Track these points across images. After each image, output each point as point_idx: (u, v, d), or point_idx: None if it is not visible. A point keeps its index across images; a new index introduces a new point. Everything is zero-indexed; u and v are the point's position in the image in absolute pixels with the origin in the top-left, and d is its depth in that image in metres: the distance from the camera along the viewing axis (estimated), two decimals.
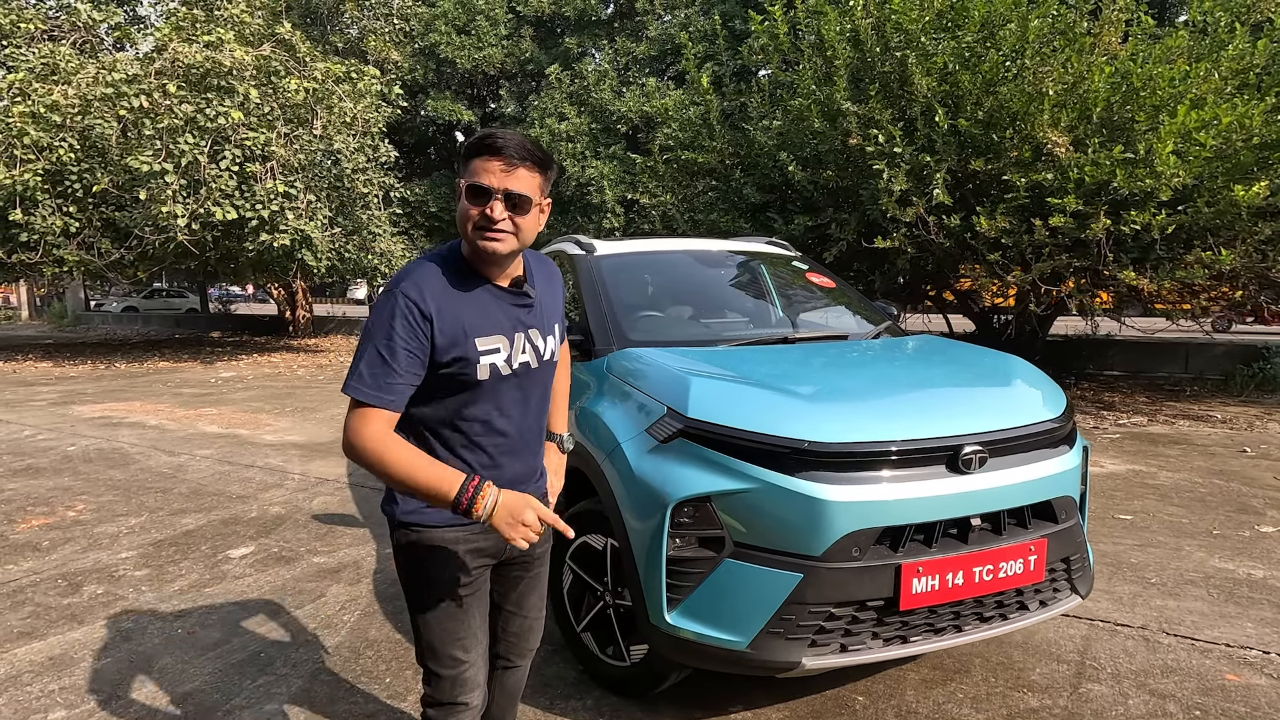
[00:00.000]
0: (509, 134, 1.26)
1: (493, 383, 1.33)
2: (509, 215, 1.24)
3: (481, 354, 1.30)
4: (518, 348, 1.36)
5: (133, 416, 7.04)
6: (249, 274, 13.47)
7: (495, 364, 1.32)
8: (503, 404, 1.37)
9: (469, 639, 1.41)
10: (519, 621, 1.57)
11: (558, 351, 1.49)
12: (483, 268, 1.33)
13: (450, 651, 1.40)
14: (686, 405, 1.90)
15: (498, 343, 1.33)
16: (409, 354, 1.24)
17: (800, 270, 3.33)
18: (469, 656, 1.41)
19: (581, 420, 2.42)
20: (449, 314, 1.28)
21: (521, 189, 1.24)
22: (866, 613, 1.79)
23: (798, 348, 2.51)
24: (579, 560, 2.32)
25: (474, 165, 1.25)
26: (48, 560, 3.41)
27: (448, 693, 1.41)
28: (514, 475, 1.41)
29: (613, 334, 2.60)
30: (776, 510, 1.75)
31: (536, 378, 1.41)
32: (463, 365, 1.29)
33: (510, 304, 1.36)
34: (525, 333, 1.38)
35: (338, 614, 2.83)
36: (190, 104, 9.47)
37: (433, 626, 1.40)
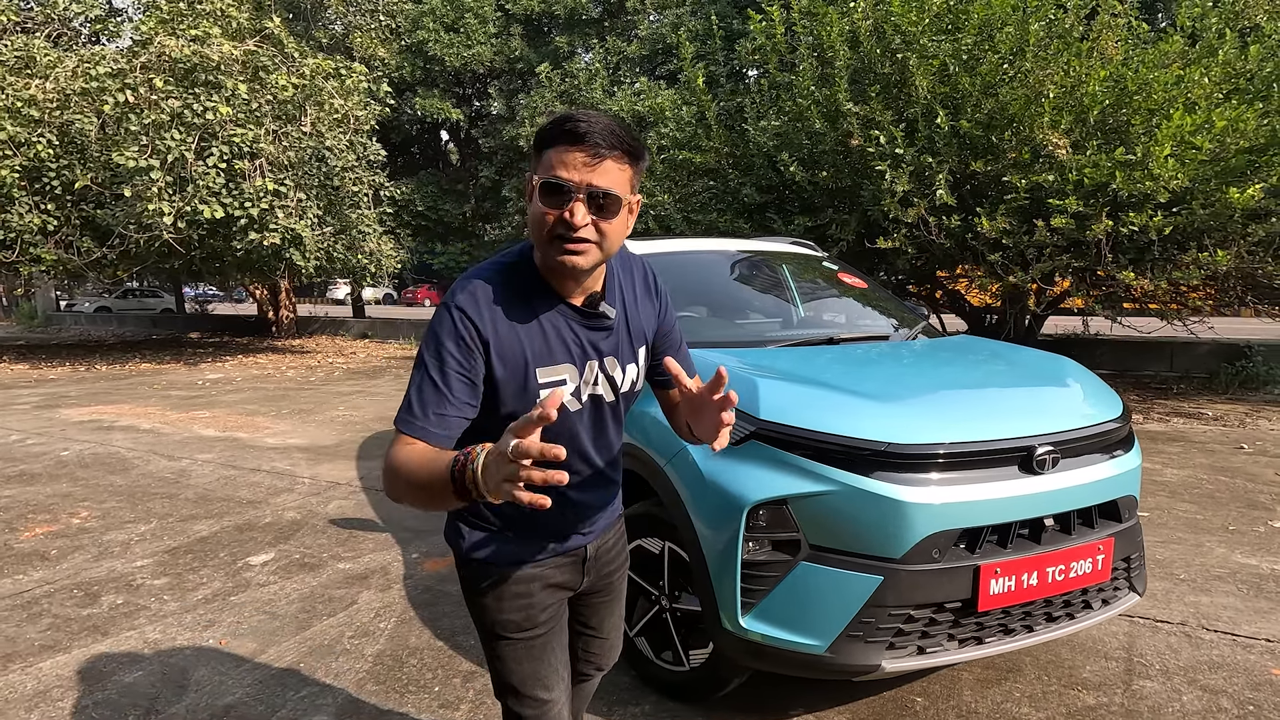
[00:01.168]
0: (594, 116, 1.03)
1: (560, 418, 1.12)
2: (593, 220, 1.03)
3: (543, 387, 1.12)
4: (588, 379, 1.17)
5: (123, 420, 6.85)
6: (235, 274, 13.20)
7: (564, 392, 1.14)
8: (574, 438, 1.18)
9: (551, 676, 1.29)
10: (598, 643, 1.47)
11: (640, 381, 1.26)
12: (557, 282, 1.13)
13: (533, 693, 1.28)
14: (757, 407, 1.88)
15: (564, 373, 1.14)
16: (462, 380, 1.07)
17: (831, 271, 3.33)
18: (552, 695, 1.29)
19: (633, 422, 2.39)
20: (508, 340, 1.09)
21: (609, 185, 1.02)
22: (944, 614, 1.78)
23: (847, 348, 2.51)
24: (633, 564, 2.29)
25: (550, 157, 1.03)
26: (59, 570, 3.29)
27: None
28: (593, 507, 1.29)
29: None
30: (856, 512, 1.74)
31: (610, 411, 1.22)
32: (519, 399, 1.10)
33: (583, 326, 1.15)
34: (600, 360, 1.17)
35: (373, 621, 2.77)
36: (177, 99, 9.25)
37: (511, 668, 1.27)
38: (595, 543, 1.33)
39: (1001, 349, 2.60)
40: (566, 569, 1.29)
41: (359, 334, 17.13)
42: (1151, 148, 5.99)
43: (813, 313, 3.00)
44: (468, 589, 1.28)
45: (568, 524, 1.26)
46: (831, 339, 2.60)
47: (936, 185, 6.70)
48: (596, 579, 1.35)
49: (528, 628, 1.26)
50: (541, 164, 1.04)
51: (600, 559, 1.35)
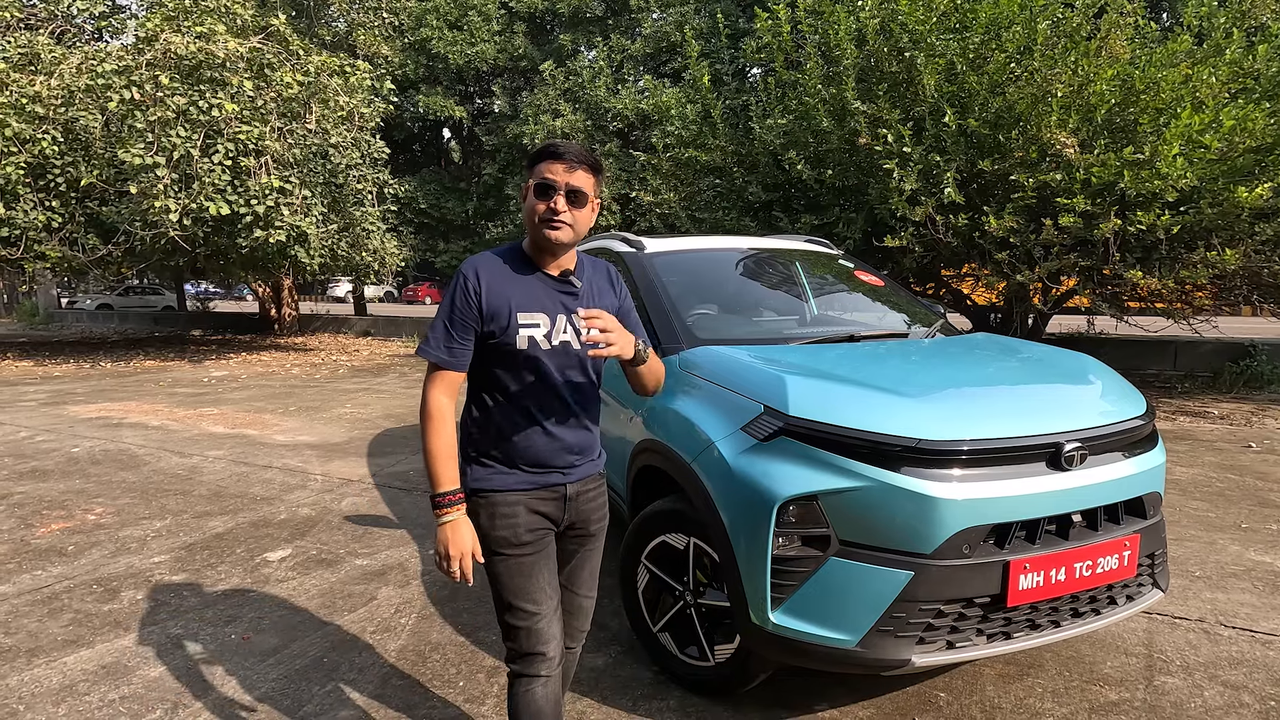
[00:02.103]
0: (568, 143, 1.51)
1: (533, 353, 1.52)
2: (569, 208, 1.47)
3: (521, 326, 1.51)
4: (559, 327, 1.55)
5: (131, 417, 6.86)
6: (239, 271, 13.19)
7: (534, 336, 1.52)
8: (548, 375, 1.55)
9: (538, 593, 1.56)
10: (570, 598, 1.70)
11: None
12: (539, 257, 1.55)
13: (522, 604, 1.55)
14: (786, 403, 1.89)
15: (538, 319, 1.53)
16: (464, 322, 1.51)
17: (848, 269, 3.34)
18: (540, 609, 1.55)
19: (656, 419, 2.40)
20: (497, 290, 1.51)
21: (580, 185, 1.47)
22: (973, 609, 1.80)
23: (869, 345, 2.52)
24: (656, 560, 2.31)
25: (540, 168, 1.48)
26: (77, 565, 3.30)
27: (524, 644, 1.55)
28: (569, 444, 1.59)
29: (679, 332, 2.58)
30: (886, 508, 1.75)
31: (577, 358, 1.58)
32: (505, 334, 1.50)
33: (556, 289, 1.56)
34: (568, 315, 1.56)
35: (393, 617, 2.78)
36: (182, 96, 9.24)
37: (504, 582, 1.56)
38: (575, 485, 1.62)
39: (1022, 346, 2.61)
40: (549, 502, 1.59)
41: (361, 331, 17.13)
42: (1160, 147, 6.00)
43: (831, 310, 3.01)
44: (471, 515, 1.55)
45: (546, 457, 1.57)
46: (852, 336, 2.61)
47: (944, 184, 6.70)
48: (576, 518, 1.64)
49: (515, 544, 1.55)
50: (535, 173, 1.49)
51: (580, 501, 1.64)
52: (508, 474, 1.57)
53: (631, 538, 2.37)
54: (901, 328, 2.84)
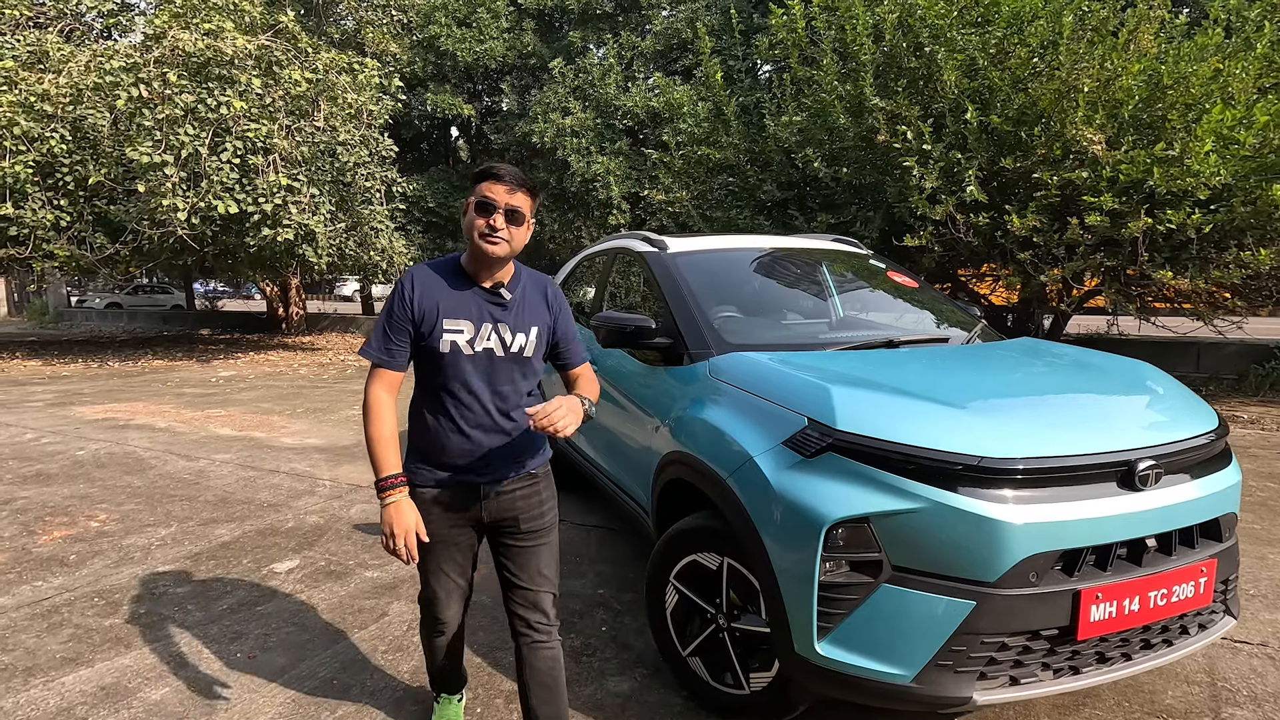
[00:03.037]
0: (507, 166, 1.63)
1: (454, 357, 1.66)
2: (507, 226, 1.61)
3: (446, 330, 1.65)
4: (483, 334, 1.68)
5: (138, 418, 6.76)
6: (247, 270, 13.12)
7: (457, 341, 1.66)
8: (469, 380, 1.68)
9: (441, 578, 1.81)
10: (518, 590, 1.79)
11: (531, 348, 1.73)
12: (475, 269, 1.69)
13: (429, 580, 1.82)
14: (834, 417, 1.75)
15: (463, 325, 1.66)
16: (400, 325, 1.66)
17: (879, 269, 3.20)
18: (441, 591, 1.82)
19: (684, 429, 2.27)
20: (429, 296, 1.66)
21: (518, 205, 1.62)
22: (1039, 642, 1.65)
23: (911, 351, 2.37)
24: (687, 580, 2.17)
25: (481, 187, 1.61)
26: (79, 576, 3.19)
27: (429, 606, 1.86)
28: (485, 446, 1.70)
29: (709, 337, 2.44)
30: (946, 532, 1.61)
31: (502, 366, 1.70)
32: (430, 337, 1.65)
33: (486, 300, 1.69)
34: (494, 325, 1.69)
35: (406, 635, 2.65)
36: (190, 94, 9.15)
37: (421, 560, 1.76)
38: (494, 485, 1.74)
39: (1072, 352, 2.46)
40: (463, 498, 1.74)
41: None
42: (1190, 143, 5.82)
43: (865, 313, 2.87)
44: None
45: (460, 457, 1.70)
46: (891, 341, 2.47)
47: (966, 181, 6.53)
48: (501, 516, 1.76)
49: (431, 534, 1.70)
50: (476, 191, 1.62)
51: (502, 500, 1.75)
52: (423, 471, 1.73)
53: (658, 556, 2.23)
54: (941, 332, 2.69)
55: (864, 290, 3.04)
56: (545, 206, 14.46)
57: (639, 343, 2.56)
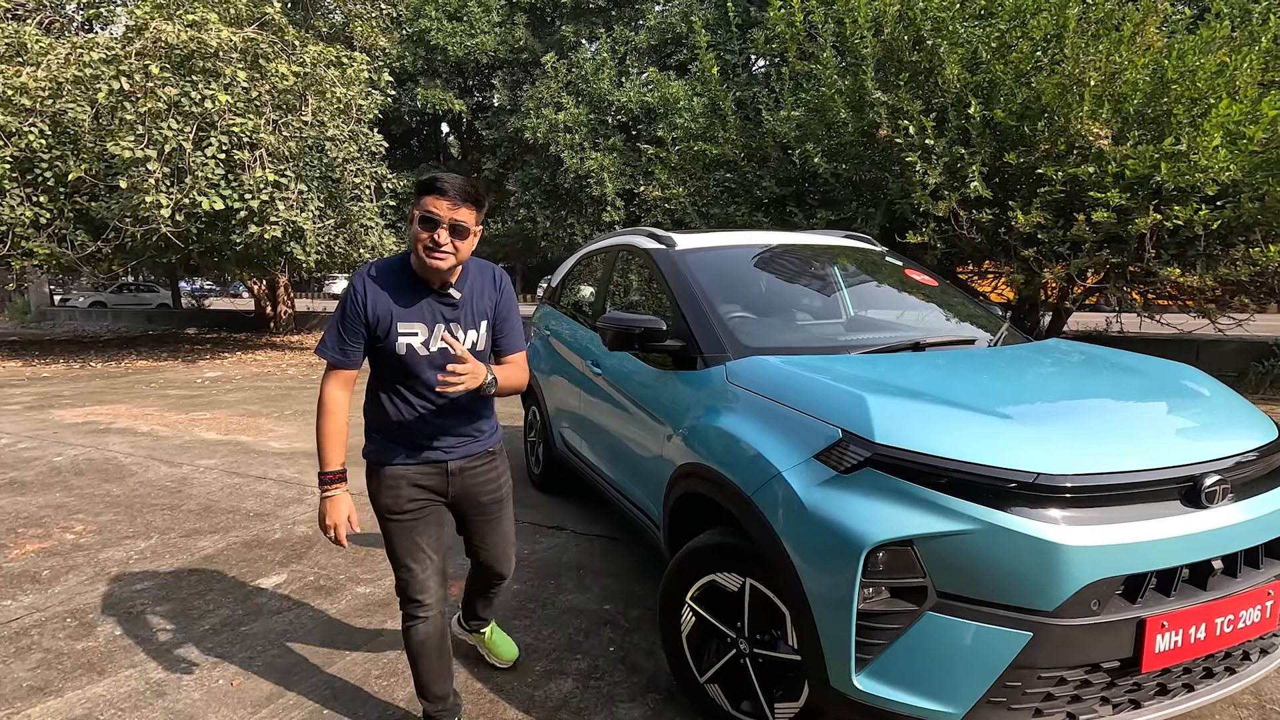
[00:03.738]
0: (452, 177, 1.65)
1: (411, 357, 1.75)
2: (451, 240, 1.66)
3: (400, 334, 1.74)
4: (435, 335, 1.77)
5: (120, 421, 6.54)
6: (234, 268, 12.85)
7: (412, 344, 1.75)
8: (427, 377, 1.77)
9: (418, 554, 1.86)
10: (484, 552, 2.04)
11: (483, 342, 1.85)
12: (423, 275, 1.74)
13: (404, 562, 1.87)
14: (871, 429, 1.60)
15: (417, 328, 1.75)
16: (354, 327, 1.73)
17: (897, 267, 3.05)
18: (417, 567, 1.86)
19: (701, 439, 2.11)
20: (382, 302, 1.72)
21: (463, 219, 1.66)
22: (1098, 675, 1.51)
23: (940, 355, 2.23)
24: (704, 601, 2.02)
25: (425, 201, 1.65)
26: (51, 594, 3.01)
27: (407, 591, 1.88)
28: (447, 429, 1.85)
29: (724, 339, 2.29)
30: (999, 556, 1.46)
31: (446, 360, 1.72)
32: (386, 340, 1.73)
33: (436, 302, 1.77)
34: (446, 325, 1.78)
35: (400, 658, 2.49)
36: (173, 87, 8.90)
37: (393, 542, 1.87)
38: (458, 462, 1.89)
39: (1108, 354, 2.32)
40: (432, 476, 1.87)
41: None
42: (1197, 138, 5.72)
43: (887, 314, 2.73)
44: (367, 480, 1.87)
45: (426, 438, 1.84)
46: (917, 344, 2.32)
47: (970, 177, 6.41)
48: (464, 494, 1.92)
49: (397, 511, 1.84)
50: (421, 204, 1.65)
51: (465, 476, 1.91)
52: (393, 450, 1.83)
53: (673, 575, 2.08)
54: (967, 333, 2.55)
55: (882, 289, 2.90)
56: (538, 203, 14.27)
57: (648, 345, 2.41)
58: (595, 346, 3.16)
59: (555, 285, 4.26)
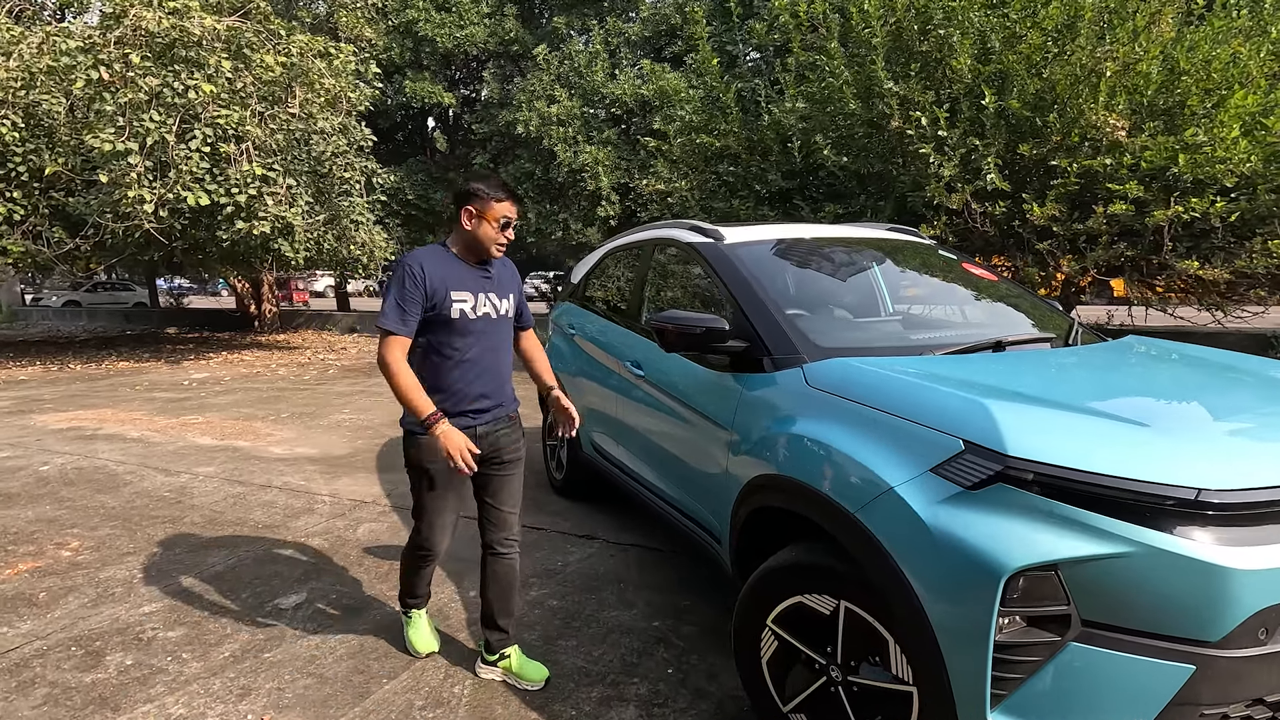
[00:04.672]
0: (510, 186, 2.09)
1: (463, 322, 2.08)
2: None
3: (454, 301, 2.06)
4: (480, 302, 2.12)
5: (107, 427, 6.25)
6: (219, 266, 12.47)
7: (464, 309, 2.08)
8: (473, 340, 2.11)
9: (442, 509, 2.22)
10: (495, 512, 2.26)
11: (511, 311, 2.23)
12: (467, 256, 2.12)
13: (433, 512, 2.22)
14: (1001, 440, 1.45)
15: (466, 296, 2.08)
16: (413, 299, 2.01)
17: (953, 261, 2.91)
18: (440, 522, 2.23)
19: (780, 449, 1.95)
20: (436, 276, 2.04)
21: (517, 217, 2.13)
22: (1259, 709, 1.37)
23: (1033, 355, 2.09)
24: (789, 624, 1.86)
25: (503, 206, 2.06)
26: (51, 619, 2.78)
27: (430, 538, 2.25)
28: (482, 392, 2.15)
29: (796, 340, 2.13)
30: (1156, 582, 1.32)
31: (496, 326, 2.17)
32: (443, 306, 2.04)
33: (478, 275, 2.13)
34: (486, 294, 2.14)
35: (444, 685, 2.31)
36: (155, 77, 8.55)
37: (425, 495, 2.20)
38: (485, 426, 2.17)
39: (1201, 353, 2.20)
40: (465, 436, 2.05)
41: (347, 328, 16.46)
42: (1214, 129, 5.66)
43: (955, 311, 2.58)
44: (409, 443, 2.16)
45: (463, 402, 2.12)
46: (998, 343, 2.18)
47: (986, 169, 6.30)
48: (488, 452, 2.16)
49: (435, 469, 2.12)
50: (497, 209, 2.06)
51: (490, 438, 2.18)
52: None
53: (752, 596, 1.92)
54: (1044, 331, 2.41)
55: (944, 285, 2.76)
56: (531, 197, 14.01)
57: (709, 346, 2.24)
58: (636, 346, 2.99)
59: (578, 282, 4.07)
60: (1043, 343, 2.30)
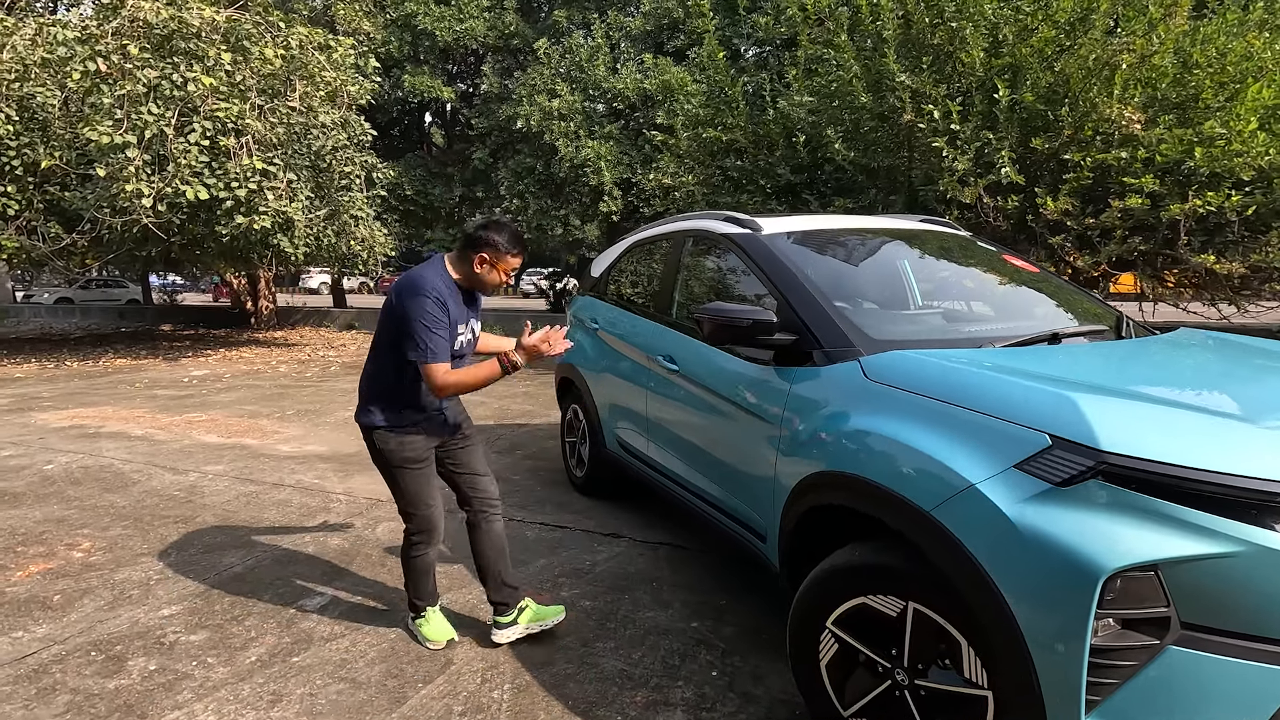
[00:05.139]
0: (519, 234, 2.30)
1: (456, 349, 2.26)
2: None
3: (458, 334, 2.27)
4: (468, 330, 2.34)
5: (110, 425, 6.14)
6: (218, 261, 12.31)
7: (462, 340, 2.30)
8: (456, 364, 2.26)
9: (431, 493, 2.39)
10: (472, 479, 2.47)
11: (479, 329, 2.47)
12: (467, 286, 2.32)
13: (424, 501, 2.38)
14: (1093, 435, 1.39)
15: (464, 329, 2.31)
16: (442, 324, 2.16)
17: (993, 252, 2.85)
18: (433, 503, 2.39)
19: (839, 444, 1.88)
20: (453, 309, 2.22)
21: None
22: None
23: (1097, 347, 2.03)
24: (850, 626, 1.79)
25: (510, 258, 2.26)
26: (68, 623, 2.69)
27: (426, 525, 2.40)
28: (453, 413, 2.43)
29: (849, 333, 2.06)
30: (1263, 582, 1.26)
31: (470, 345, 2.40)
32: (450, 337, 2.21)
33: (467, 306, 2.33)
34: (471, 322, 2.36)
35: (482, 690, 2.24)
36: (153, 69, 8.40)
37: (409, 490, 2.36)
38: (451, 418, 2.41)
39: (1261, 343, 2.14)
40: (433, 432, 2.36)
41: (345, 325, 16.33)
42: (1231, 122, 5.63)
43: (1004, 303, 2.52)
44: (377, 444, 2.33)
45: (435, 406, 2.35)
46: (1056, 335, 2.12)
47: (1001, 163, 6.25)
48: (449, 438, 2.42)
49: (417, 460, 2.34)
50: (503, 258, 2.26)
51: (454, 423, 2.44)
52: (411, 414, 2.32)
53: (810, 596, 1.86)
54: (1096, 323, 2.35)
55: (986, 276, 2.69)
56: (531, 193, 13.91)
57: (755, 340, 2.17)
58: (669, 340, 2.92)
59: (599, 275, 4.00)
60: (1097, 335, 2.25)
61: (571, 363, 3.97)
